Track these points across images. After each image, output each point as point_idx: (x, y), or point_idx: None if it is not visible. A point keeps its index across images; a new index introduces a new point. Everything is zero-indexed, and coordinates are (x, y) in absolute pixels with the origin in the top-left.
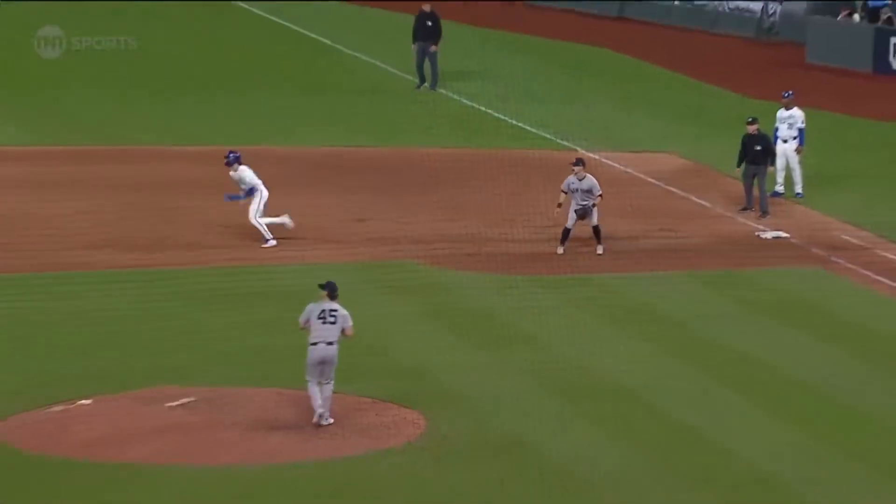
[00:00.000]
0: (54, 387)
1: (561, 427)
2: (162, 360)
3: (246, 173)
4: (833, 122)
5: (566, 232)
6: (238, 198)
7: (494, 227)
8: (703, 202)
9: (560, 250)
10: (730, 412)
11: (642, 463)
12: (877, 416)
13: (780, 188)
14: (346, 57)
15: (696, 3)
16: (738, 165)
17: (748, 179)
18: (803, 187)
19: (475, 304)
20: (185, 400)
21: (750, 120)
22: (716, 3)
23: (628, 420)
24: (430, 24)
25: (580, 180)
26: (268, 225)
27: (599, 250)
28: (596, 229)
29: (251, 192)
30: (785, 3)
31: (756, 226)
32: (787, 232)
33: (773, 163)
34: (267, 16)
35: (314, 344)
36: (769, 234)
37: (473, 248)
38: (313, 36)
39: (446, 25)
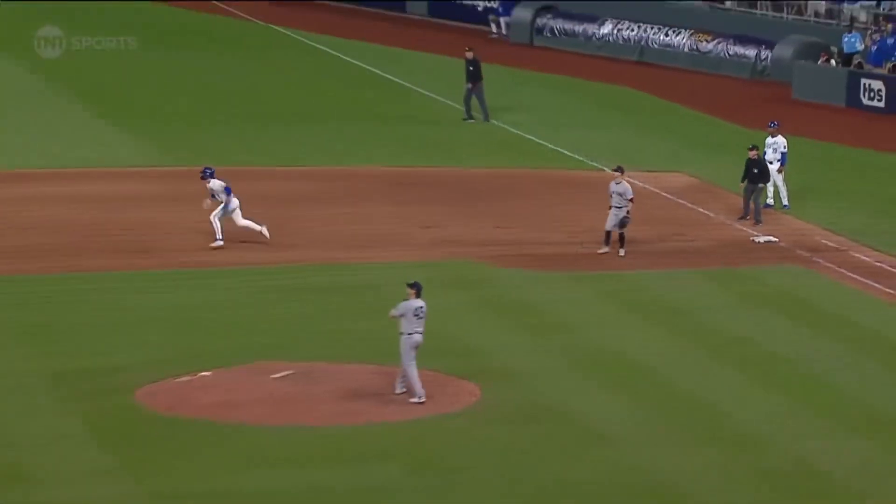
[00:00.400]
0: (181, 361)
1: (589, 395)
2: (268, 340)
3: (216, 184)
4: (814, 147)
5: (607, 234)
6: (215, 197)
7: (536, 233)
8: (707, 212)
9: (604, 250)
10: (727, 383)
11: (656, 424)
12: (844, 385)
13: (770, 201)
14: (412, 92)
15: (701, 49)
16: (742, 181)
17: (747, 194)
18: (789, 200)
19: (520, 295)
20: (286, 372)
21: (750, 147)
22: (718, 49)
23: (644, 389)
24: (471, 68)
25: (617, 184)
26: (247, 228)
27: (621, 253)
28: (622, 236)
29: (213, 197)
30: (775, 50)
31: (751, 232)
32: (776, 237)
33: (757, 177)
34: (348, 59)
35: (411, 334)
36: (762, 239)
37: (518, 250)
38: (384, 75)
39: (496, 69)
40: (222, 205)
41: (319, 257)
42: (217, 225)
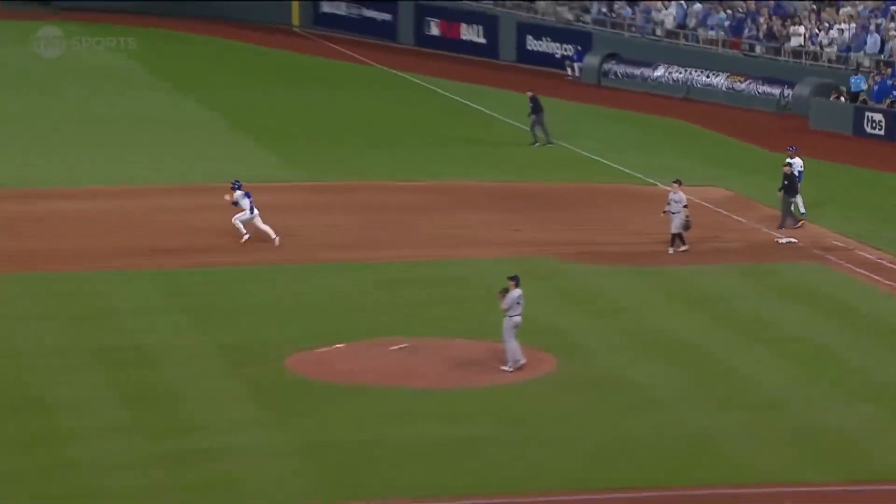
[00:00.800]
0: (320, 336)
1: (643, 366)
2: (387, 320)
3: (238, 195)
4: (826, 167)
5: (678, 236)
6: (237, 204)
7: (602, 235)
8: (740, 219)
9: (683, 248)
10: (755, 357)
11: (697, 390)
12: (850, 359)
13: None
14: (501, 123)
15: (736, 88)
16: (779, 191)
17: (783, 204)
18: (806, 209)
19: (587, 285)
20: (402, 345)
21: (785, 164)
22: (749, 88)
23: (688, 362)
24: (531, 105)
25: (675, 193)
26: (264, 231)
27: (670, 251)
28: (677, 236)
29: (236, 204)
30: (795, 89)
31: (775, 234)
32: (795, 238)
33: (789, 190)
34: (449, 95)
35: (512, 316)
36: (784, 240)
37: (586, 249)
38: (480, 108)
39: (571, 105)
40: (245, 211)
41: (427, 254)
42: (239, 226)
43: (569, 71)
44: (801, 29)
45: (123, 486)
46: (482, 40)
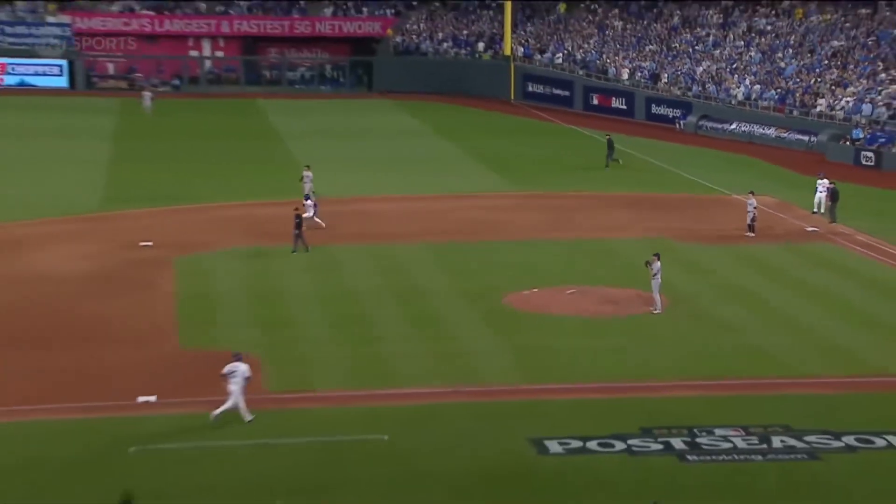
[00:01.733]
0: (522, 284)
1: (724, 305)
2: (564, 275)
3: (309, 203)
4: (838, 185)
5: (748, 225)
6: (314, 213)
7: (698, 225)
8: (783, 216)
9: (747, 234)
10: (793, 299)
11: (756, 319)
12: (857, 302)
13: (815, 210)
14: (637, 159)
15: (781, 136)
16: (827, 200)
17: (828, 208)
18: (818, 208)
19: (691, 255)
20: (573, 290)
21: (830, 183)
22: (789, 136)
23: (751, 303)
24: (607, 144)
25: (749, 200)
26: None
27: (747, 234)
28: (749, 226)
29: (315, 206)
30: (818, 136)
31: (804, 225)
32: (818, 227)
33: (834, 199)
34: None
35: (655, 276)
36: (810, 229)
37: (689, 234)
38: (618, 146)
39: (678, 146)
40: (312, 213)
41: (587, 235)
42: (317, 221)
43: (677, 125)
44: (823, 101)
45: (408, 370)
46: (624, 107)
